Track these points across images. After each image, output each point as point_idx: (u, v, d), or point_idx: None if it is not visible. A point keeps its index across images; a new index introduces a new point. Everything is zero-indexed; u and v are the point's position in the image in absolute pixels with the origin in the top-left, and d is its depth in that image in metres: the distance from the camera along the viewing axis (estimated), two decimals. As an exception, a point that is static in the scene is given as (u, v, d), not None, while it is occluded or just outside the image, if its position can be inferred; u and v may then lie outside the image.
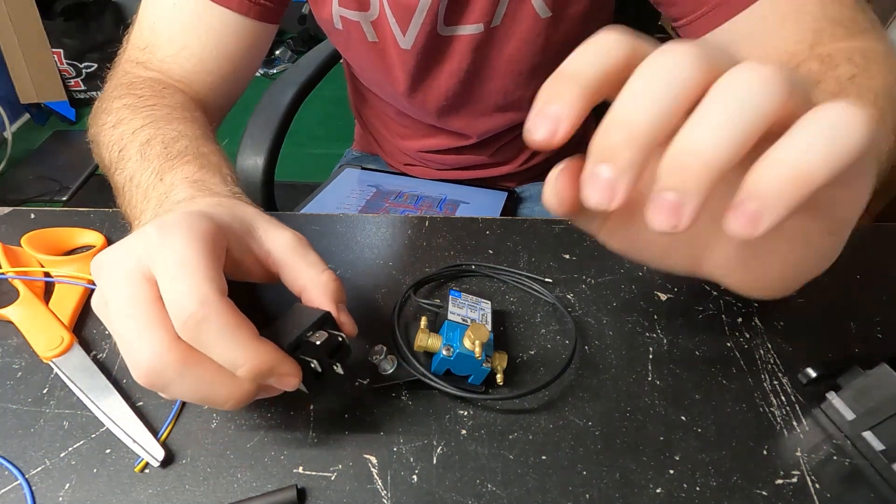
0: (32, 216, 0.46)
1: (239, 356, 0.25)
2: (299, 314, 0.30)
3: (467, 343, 0.32)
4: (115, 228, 0.45)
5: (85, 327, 0.38)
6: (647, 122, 0.18)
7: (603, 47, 0.19)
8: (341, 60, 0.84)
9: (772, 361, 0.36)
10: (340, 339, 0.29)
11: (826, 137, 0.17)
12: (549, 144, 0.19)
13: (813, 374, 0.33)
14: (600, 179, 0.19)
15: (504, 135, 0.70)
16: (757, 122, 0.17)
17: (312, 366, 0.28)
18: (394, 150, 0.79)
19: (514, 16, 0.53)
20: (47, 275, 0.40)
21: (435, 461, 0.31)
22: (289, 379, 0.27)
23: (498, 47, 0.56)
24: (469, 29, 0.54)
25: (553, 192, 0.22)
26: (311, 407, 0.33)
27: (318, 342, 0.28)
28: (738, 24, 0.44)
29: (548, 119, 0.19)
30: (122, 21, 2.21)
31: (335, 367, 0.30)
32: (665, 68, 0.18)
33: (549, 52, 0.57)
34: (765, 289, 0.25)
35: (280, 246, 0.31)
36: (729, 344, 0.37)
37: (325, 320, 0.29)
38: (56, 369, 0.35)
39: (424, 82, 0.61)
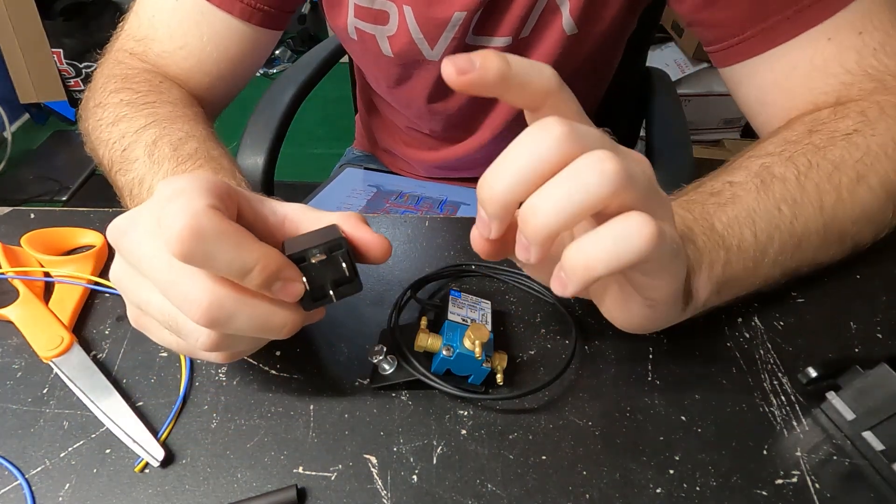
0: (32, 216, 0.46)
1: (248, 258, 0.24)
2: (310, 236, 0.29)
3: (467, 343, 0.32)
4: (115, 228, 0.45)
5: (85, 327, 0.38)
6: (505, 190, 0.23)
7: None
8: (342, 59, 0.84)
9: (772, 361, 0.36)
10: (345, 267, 0.28)
11: (611, 243, 0.22)
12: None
13: (813, 374, 0.33)
14: (480, 218, 0.25)
15: None
16: (585, 207, 0.22)
17: (303, 281, 0.27)
18: (396, 160, 0.78)
19: (542, 30, 0.53)
20: (47, 275, 0.40)
21: (435, 461, 0.31)
22: (294, 285, 0.26)
23: None
24: (498, 41, 0.54)
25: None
26: (311, 407, 0.33)
27: (314, 261, 0.27)
28: (769, 64, 0.44)
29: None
30: (121, 21, 2.21)
31: (330, 294, 0.28)
32: (533, 145, 0.22)
33: (568, 68, 0.56)
34: (636, 329, 0.32)
35: (295, 208, 0.30)
36: (729, 344, 0.37)
37: (339, 246, 0.28)
38: (56, 369, 0.35)
39: (447, 93, 0.60)
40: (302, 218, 0.30)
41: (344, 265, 0.28)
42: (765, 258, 0.35)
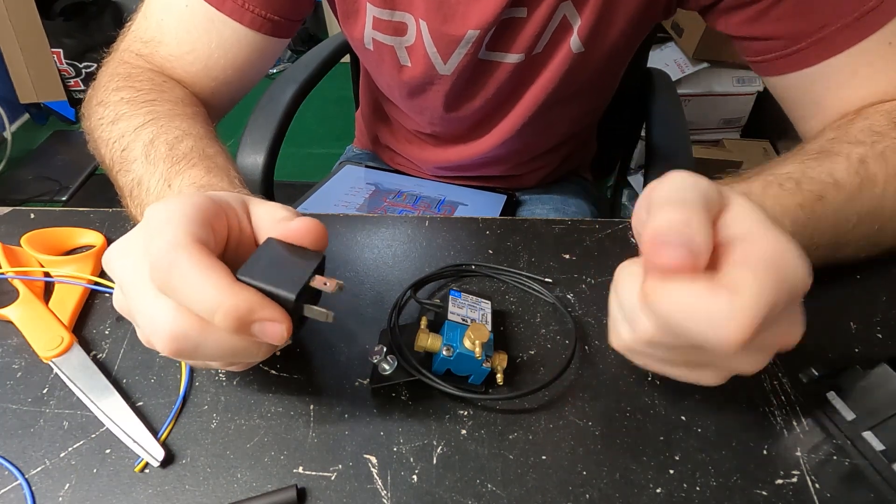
0: (32, 216, 0.46)
1: (212, 299, 0.23)
2: (288, 257, 0.27)
3: (467, 343, 0.32)
4: (115, 228, 0.45)
5: (85, 327, 0.38)
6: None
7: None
8: (343, 59, 0.84)
9: (772, 361, 0.36)
10: (325, 284, 0.27)
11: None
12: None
13: (813, 374, 0.33)
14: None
15: (515, 156, 0.70)
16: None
17: (306, 313, 0.26)
18: (397, 157, 0.78)
19: (553, 48, 0.53)
20: (47, 275, 0.40)
21: (435, 461, 0.31)
22: (274, 327, 0.24)
23: (532, 76, 0.56)
24: (511, 58, 0.54)
25: None
26: (311, 407, 0.33)
27: (320, 287, 0.26)
28: (825, 72, 0.43)
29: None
30: (121, 21, 2.19)
31: (305, 308, 0.27)
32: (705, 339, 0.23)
33: (573, 84, 0.56)
34: None
35: (265, 217, 0.30)
36: (729, 344, 0.37)
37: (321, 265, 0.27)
38: (56, 369, 0.35)
39: (459, 104, 0.60)
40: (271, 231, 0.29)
41: (325, 283, 0.27)
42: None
